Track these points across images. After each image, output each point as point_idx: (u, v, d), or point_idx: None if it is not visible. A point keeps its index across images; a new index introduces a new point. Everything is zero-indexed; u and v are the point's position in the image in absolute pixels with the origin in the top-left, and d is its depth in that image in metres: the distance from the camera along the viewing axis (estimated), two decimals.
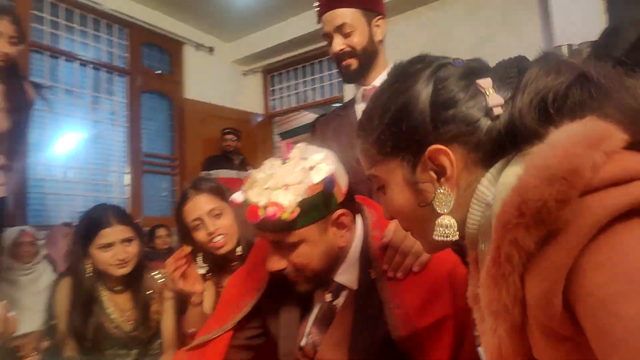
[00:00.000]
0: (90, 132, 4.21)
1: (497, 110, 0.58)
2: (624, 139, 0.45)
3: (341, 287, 1.14)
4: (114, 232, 1.64)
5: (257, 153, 5.30)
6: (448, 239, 0.63)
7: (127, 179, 4.46)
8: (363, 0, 1.49)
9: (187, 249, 1.58)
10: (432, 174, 0.61)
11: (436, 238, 0.62)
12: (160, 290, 1.83)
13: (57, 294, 1.72)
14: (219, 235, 1.57)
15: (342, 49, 1.49)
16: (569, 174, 0.42)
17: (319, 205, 0.99)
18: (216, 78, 5.20)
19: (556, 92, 0.53)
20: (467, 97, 0.60)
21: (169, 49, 4.86)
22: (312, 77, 5.31)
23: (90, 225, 1.66)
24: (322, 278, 1.12)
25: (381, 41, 1.54)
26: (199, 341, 1.22)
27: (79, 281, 1.69)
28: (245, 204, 0.99)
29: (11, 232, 2.97)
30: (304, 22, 4.50)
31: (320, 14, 1.54)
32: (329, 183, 0.99)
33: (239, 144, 4.79)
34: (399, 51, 1.00)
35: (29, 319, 2.71)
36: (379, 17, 1.53)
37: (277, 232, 1.00)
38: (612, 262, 0.40)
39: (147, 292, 1.80)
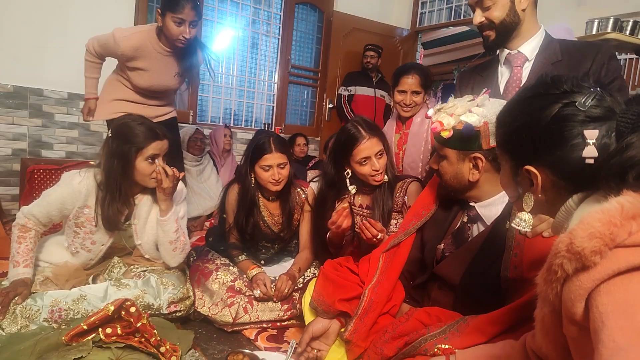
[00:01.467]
0: (248, 43, 4.66)
1: (589, 160, 0.73)
2: None
3: (479, 217, 1.41)
4: (273, 158, 2.04)
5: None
6: (520, 228, 0.86)
7: (275, 88, 4.91)
8: None
9: (347, 205, 1.87)
10: (527, 180, 0.83)
11: (513, 225, 0.85)
12: (301, 203, 2.25)
13: (229, 195, 2.22)
14: (381, 172, 1.88)
15: (481, 22, 1.58)
16: (605, 236, 0.62)
17: (463, 140, 1.31)
18: None
19: None
20: (572, 140, 0.75)
21: None
22: None
23: (257, 149, 2.07)
24: (456, 193, 1.43)
25: (525, 10, 1.55)
26: (392, 244, 1.59)
27: (245, 189, 2.16)
28: (432, 120, 1.40)
29: (188, 129, 3.61)
30: None
31: None
32: (468, 128, 1.29)
33: (379, 61, 4.87)
34: None
35: (197, 204, 3.42)
36: None
37: (438, 142, 1.39)
38: (621, 295, 0.60)
39: (292, 204, 2.23)
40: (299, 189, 2.27)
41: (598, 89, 0.78)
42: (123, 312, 1.40)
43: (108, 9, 3.59)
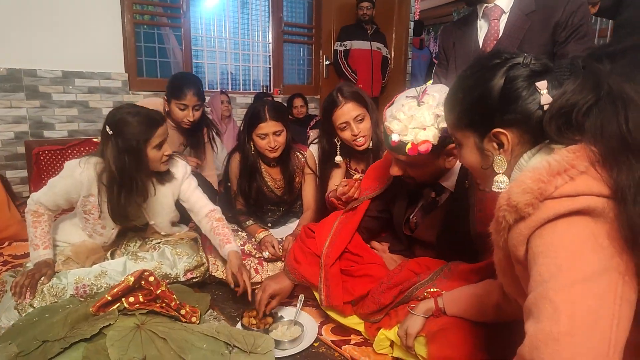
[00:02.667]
0: (238, 2, 4.57)
1: (547, 107, 0.80)
2: (587, 166, 0.72)
3: (443, 189, 1.50)
4: (268, 126, 2.08)
5: (392, 21, 5.27)
6: (501, 189, 0.91)
7: (270, 48, 4.86)
8: None
9: (358, 177, 1.94)
10: (495, 145, 0.88)
11: (493, 189, 0.91)
12: (302, 167, 2.31)
13: (231, 164, 2.29)
14: (361, 136, 1.92)
15: None
16: (534, 191, 0.73)
17: (439, 146, 1.32)
18: None
19: (579, 111, 0.75)
20: (527, 94, 0.83)
21: None
22: None
23: (252, 117, 2.11)
24: (429, 184, 1.48)
25: None
26: (349, 207, 1.74)
27: (245, 156, 2.22)
28: (402, 142, 1.33)
29: None
30: None
31: None
32: (445, 131, 1.28)
33: (373, 12, 4.78)
34: None
35: None
36: None
37: (407, 156, 1.35)
38: (549, 238, 0.71)
39: (292, 168, 2.29)
40: (298, 153, 2.33)
41: (528, 54, 0.86)
42: (143, 282, 1.50)
43: None
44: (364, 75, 4.82)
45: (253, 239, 2.10)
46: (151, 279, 1.50)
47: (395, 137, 1.33)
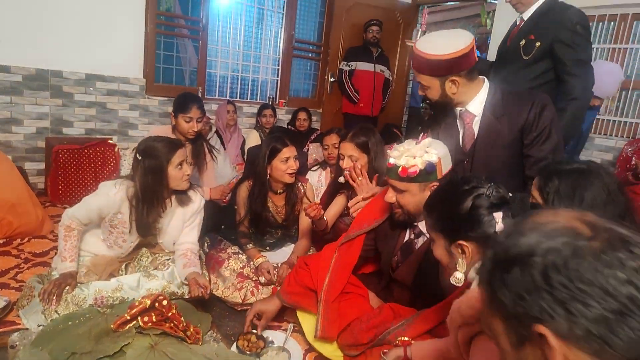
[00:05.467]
0: (254, 19, 4.80)
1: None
2: None
3: (421, 233, 1.79)
4: (290, 151, 2.41)
5: (397, 44, 5.51)
6: (457, 284, 1.21)
7: (279, 62, 5.08)
8: None
9: (318, 202, 2.26)
10: (459, 250, 1.16)
11: (452, 281, 1.19)
12: (302, 196, 2.59)
13: (240, 191, 2.55)
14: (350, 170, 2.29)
15: (422, 94, 1.89)
16: (476, 308, 0.97)
17: (423, 175, 1.63)
18: None
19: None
20: (487, 220, 1.11)
21: None
22: None
23: (274, 146, 2.41)
24: (414, 218, 1.78)
25: (456, 93, 1.79)
26: (346, 239, 2.00)
27: (257, 184, 2.49)
28: (396, 165, 1.66)
29: None
30: None
31: None
32: (430, 165, 1.62)
33: (378, 37, 5.01)
34: None
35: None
36: None
37: (400, 181, 1.66)
38: (484, 344, 0.98)
39: (295, 197, 2.57)
40: (299, 184, 2.60)
41: (492, 183, 1.14)
42: (157, 304, 1.78)
43: None
44: (366, 95, 5.08)
45: (251, 263, 2.37)
46: (164, 302, 1.78)
47: (391, 160, 1.68)
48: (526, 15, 2.39)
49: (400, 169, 1.64)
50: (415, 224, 1.80)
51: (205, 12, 4.29)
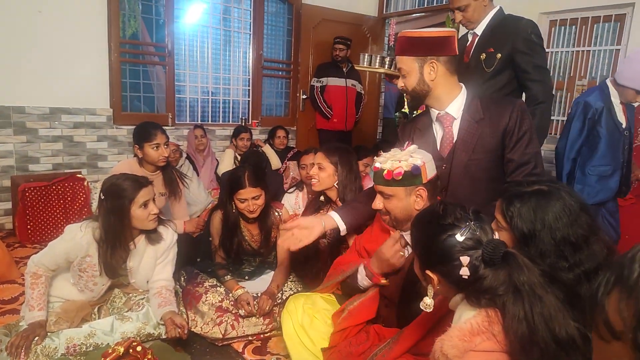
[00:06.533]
0: (221, 41, 4.77)
1: (465, 276, 1.05)
2: (499, 330, 0.97)
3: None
4: (247, 192, 2.31)
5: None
6: (425, 309, 1.20)
7: (249, 82, 5.06)
8: None
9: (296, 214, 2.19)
10: (428, 277, 1.15)
11: (420, 306, 1.18)
12: (277, 223, 2.54)
13: (213, 220, 2.50)
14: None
15: (400, 87, 1.86)
16: (459, 347, 0.98)
17: (409, 178, 1.62)
18: None
19: (491, 294, 1.01)
20: (455, 262, 1.08)
21: None
22: None
23: (233, 183, 2.34)
24: (400, 224, 1.73)
25: (434, 80, 1.79)
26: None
27: (227, 215, 2.44)
28: (381, 169, 1.66)
29: None
30: None
31: None
32: (415, 168, 1.61)
33: (348, 52, 5.04)
34: None
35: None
36: None
37: (385, 185, 1.65)
38: None
39: (269, 224, 2.52)
40: (275, 211, 2.56)
41: (472, 222, 1.11)
42: (131, 350, 1.70)
43: (80, 23, 3.68)
44: (339, 110, 5.09)
45: (230, 295, 2.31)
46: (138, 348, 1.71)
47: (377, 164, 1.67)
48: (479, 30, 2.43)
49: (385, 172, 1.64)
50: (402, 233, 1.76)
51: (170, 37, 4.24)
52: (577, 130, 2.66)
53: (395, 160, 1.66)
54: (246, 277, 2.57)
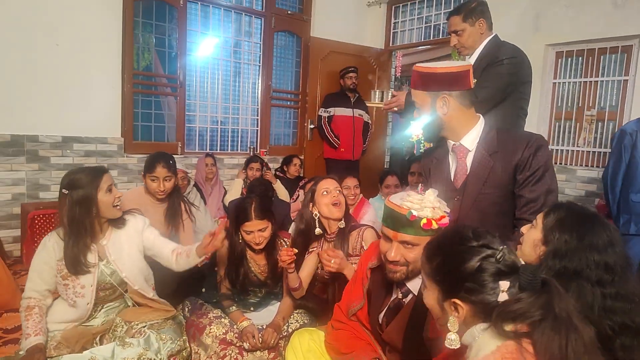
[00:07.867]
0: (231, 72, 4.87)
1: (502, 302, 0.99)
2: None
3: (409, 292, 1.68)
4: (253, 225, 2.31)
5: (373, 88, 5.61)
6: (450, 346, 1.10)
7: (258, 112, 5.13)
8: None
9: (295, 250, 2.15)
10: (452, 307, 1.07)
11: (445, 344, 1.09)
12: None
13: (219, 250, 2.49)
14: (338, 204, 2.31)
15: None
16: None
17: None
18: (341, 11, 5.41)
19: (524, 320, 0.93)
20: (490, 287, 1.01)
21: None
22: (437, 12, 5.24)
23: (239, 214, 2.34)
24: (412, 277, 1.65)
25: (446, 114, 1.78)
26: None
27: (233, 245, 2.43)
28: (419, 217, 1.51)
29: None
30: None
31: None
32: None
33: (356, 82, 5.12)
34: None
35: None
36: None
37: (417, 234, 1.52)
38: None
39: (276, 255, 2.50)
40: (281, 241, 2.54)
41: (505, 246, 1.04)
42: None
43: (95, 55, 3.78)
44: (346, 139, 5.12)
45: (235, 327, 2.28)
46: None
47: (414, 212, 1.50)
48: (473, 58, 2.43)
49: (424, 222, 1.51)
50: (404, 282, 1.72)
51: (182, 69, 4.35)
52: (615, 158, 2.62)
53: (428, 206, 1.53)
54: (251, 308, 2.54)
